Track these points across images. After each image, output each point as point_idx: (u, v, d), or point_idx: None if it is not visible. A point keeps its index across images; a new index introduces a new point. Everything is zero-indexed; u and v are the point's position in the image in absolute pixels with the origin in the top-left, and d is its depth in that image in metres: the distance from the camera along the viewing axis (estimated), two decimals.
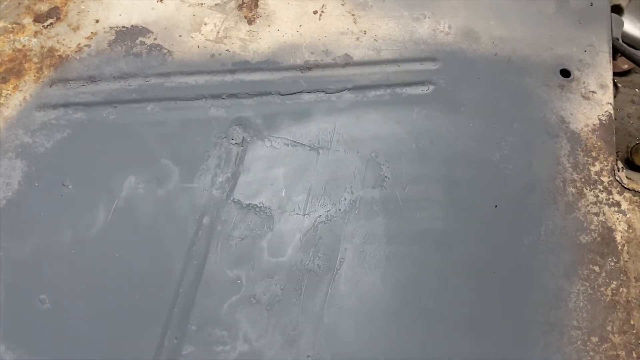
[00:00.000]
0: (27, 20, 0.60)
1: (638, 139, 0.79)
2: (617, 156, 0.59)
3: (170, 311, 0.47)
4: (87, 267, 0.49)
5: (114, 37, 0.59)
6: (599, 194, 0.55)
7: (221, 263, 0.49)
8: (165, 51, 0.59)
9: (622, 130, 0.78)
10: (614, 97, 0.83)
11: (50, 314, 0.47)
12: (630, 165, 0.71)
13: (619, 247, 0.53)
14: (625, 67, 0.82)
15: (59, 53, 0.58)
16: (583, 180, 0.55)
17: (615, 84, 0.84)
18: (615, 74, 0.85)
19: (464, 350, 0.47)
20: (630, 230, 0.53)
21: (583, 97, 0.60)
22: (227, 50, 0.59)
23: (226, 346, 0.46)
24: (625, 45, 0.73)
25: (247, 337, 0.47)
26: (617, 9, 0.85)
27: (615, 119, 0.81)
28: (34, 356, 0.46)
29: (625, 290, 0.51)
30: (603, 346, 0.49)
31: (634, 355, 0.49)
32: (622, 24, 0.78)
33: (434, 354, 0.47)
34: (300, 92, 0.58)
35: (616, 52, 0.71)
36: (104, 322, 0.47)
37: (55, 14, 0.60)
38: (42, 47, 0.58)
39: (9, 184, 0.52)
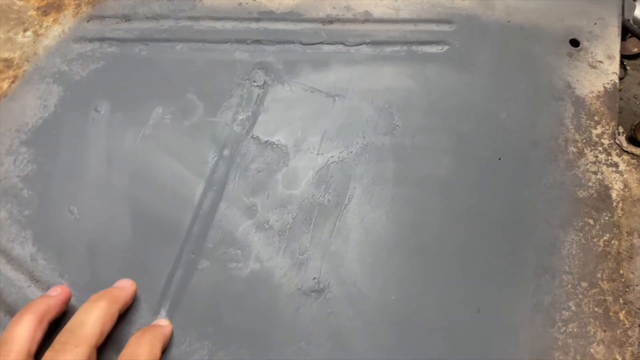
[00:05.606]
0: None
1: None
2: (622, 134, 0.61)
3: (189, 230, 0.51)
4: (115, 185, 0.53)
5: None
6: (599, 155, 0.57)
7: (238, 191, 0.53)
8: None
9: (628, 110, 0.80)
10: (622, 79, 0.85)
11: (78, 223, 0.51)
12: (633, 142, 0.73)
13: (614, 204, 0.56)
14: (635, 50, 0.84)
15: None
16: (584, 141, 0.58)
17: (624, 67, 0.86)
18: (624, 56, 0.88)
19: (458, 284, 0.50)
20: (626, 189, 0.56)
21: (590, 65, 0.62)
22: (254, 0, 0.63)
23: (239, 263, 0.50)
24: (635, 26, 0.75)
25: (258, 257, 0.50)
26: None
27: (621, 99, 0.84)
28: (62, 258, 0.49)
29: (617, 242, 0.54)
30: (592, 291, 0.52)
31: (621, 301, 0.52)
32: (634, 6, 0.81)
33: (429, 284, 0.50)
34: (321, 42, 0.61)
35: (626, 32, 0.74)
36: (127, 235, 0.50)
37: None
38: None
39: (45, 106, 0.55)
